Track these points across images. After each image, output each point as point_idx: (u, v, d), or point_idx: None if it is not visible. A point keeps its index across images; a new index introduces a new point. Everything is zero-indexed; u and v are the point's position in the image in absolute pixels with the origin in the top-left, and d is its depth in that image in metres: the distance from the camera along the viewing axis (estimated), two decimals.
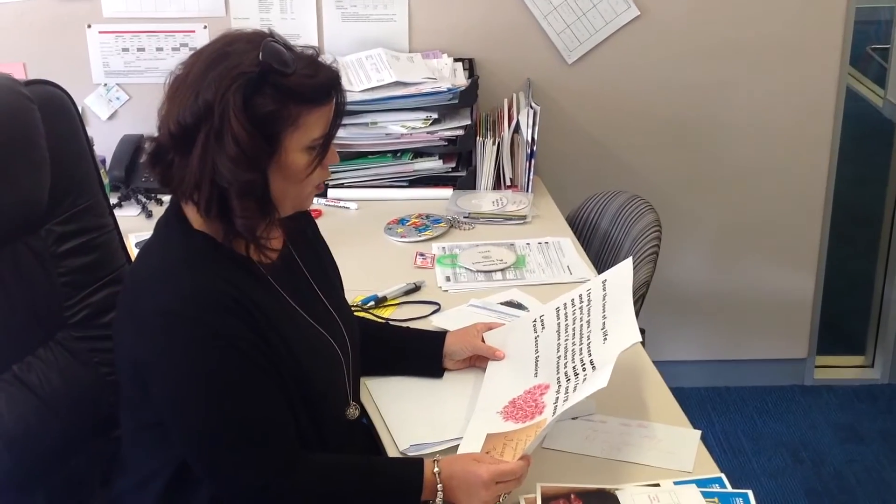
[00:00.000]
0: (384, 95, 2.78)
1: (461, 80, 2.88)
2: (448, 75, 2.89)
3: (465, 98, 2.81)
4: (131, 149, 2.89)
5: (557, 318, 1.89)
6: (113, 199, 2.62)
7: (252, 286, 1.60)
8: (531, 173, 2.77)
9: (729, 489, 1.61)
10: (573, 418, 1.79)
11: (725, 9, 3.05)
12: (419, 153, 2.82)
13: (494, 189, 2.80)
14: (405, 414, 1.84)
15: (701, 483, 1.62)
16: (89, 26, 2.99)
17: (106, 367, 1.79)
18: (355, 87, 2.78)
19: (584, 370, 1.73)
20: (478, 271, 2.36)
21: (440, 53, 3.01)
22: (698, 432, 1.77)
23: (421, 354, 1.95)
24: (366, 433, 1.85)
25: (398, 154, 2.82)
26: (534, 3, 3.01)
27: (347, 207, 2.75)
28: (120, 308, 1.64)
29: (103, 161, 2.81)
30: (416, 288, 2.28)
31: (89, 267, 1.80)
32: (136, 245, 2.39)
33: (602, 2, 3.00)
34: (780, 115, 3.17)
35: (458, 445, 1.72)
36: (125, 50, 3.00)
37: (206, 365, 1.52)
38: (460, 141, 2.78)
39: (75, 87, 1.87)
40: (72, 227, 1.77)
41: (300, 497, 1.59)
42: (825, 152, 3.22)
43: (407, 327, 2.06)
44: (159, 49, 3.00)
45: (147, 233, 1.78)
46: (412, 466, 1.62)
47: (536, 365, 1.85)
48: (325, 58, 1.59)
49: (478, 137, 2.79)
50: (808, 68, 3.11)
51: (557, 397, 1.72)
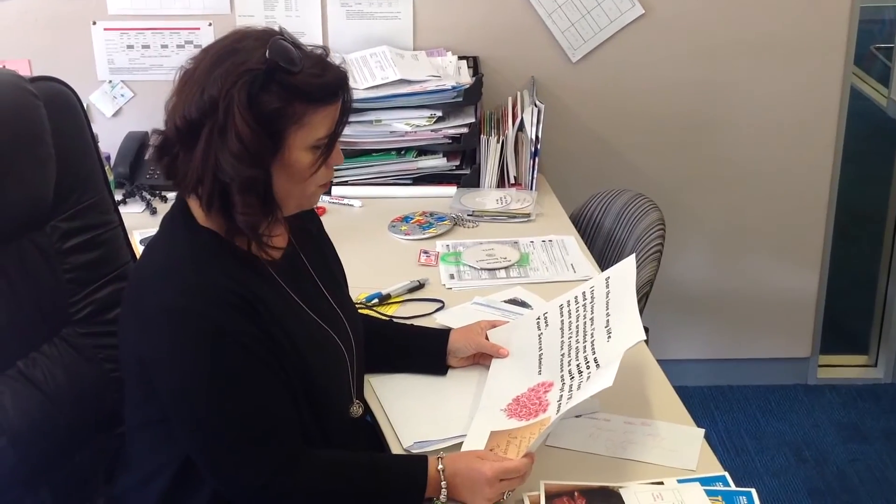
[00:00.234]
0: (388, 93, 2.78)
1: (465, 78, 2.88)
2: (452, 73, 2.89)
3: (470, 96, 2.81)
4: (136, 146, 2.89)
5: (561, 316, 1.89)
6: (117, 196, 2.61)
7: (257, 283, 1.60)
8: (535, 171, 2.78)
9: (733, 487, 1.61)
10: (577, 416, 1.79)
11: (730, 8, 3.05)
12: (423, 151, 2.82)
13: (498, 187, 2.80)
14: (409, 411, 1.84)
15: (704, 481, 1.62)
16: (94, 23, 2.99)
17: (110, 364, 1.80)
18: (360, 84, 2.78)
19: (587, 368, 1.73)
20: (482, 269, 2.36)
21: (444, 51, 3.01)
22: (702, 431, 1.77)
23: (425, 352, 1.95)
24: (369, 430, 1.86)
25: (402, 152, 2.82)
26: (538, 2, 3.01)
27: (351, 205, 2.76)
28: (125, 304, 1.64)
29: (108, 158, 2.82)
30: (420, 285, 2.29)
31: (94, 263, 1.80)
32: (141, 242, 2.39)
33: (606, 0, 3.00)
34: (784, 114, 3.17)
35: (461, 443, 1.72)
36: (130, 47, 3.01)
37: (210, 361, 1.52)
38: (464, 139, 2.79)
39: (80, 83, 1.87)
40: (77, 224, 1.77)
41: (304, 493, 1.59)
42: (829, 151, 3.21)
43: (411, 325, 2.06)
44: (164, 46, 3.00)
45: (151, 230, 1.78)
46: (416, 463, 1.63)
47: (540, 362, 1.85)
48: (335, 58, 1.59)
49: (482, 135, 2.79)
50: (812, 67, 3.11)
51: (561, 395, 1.72)
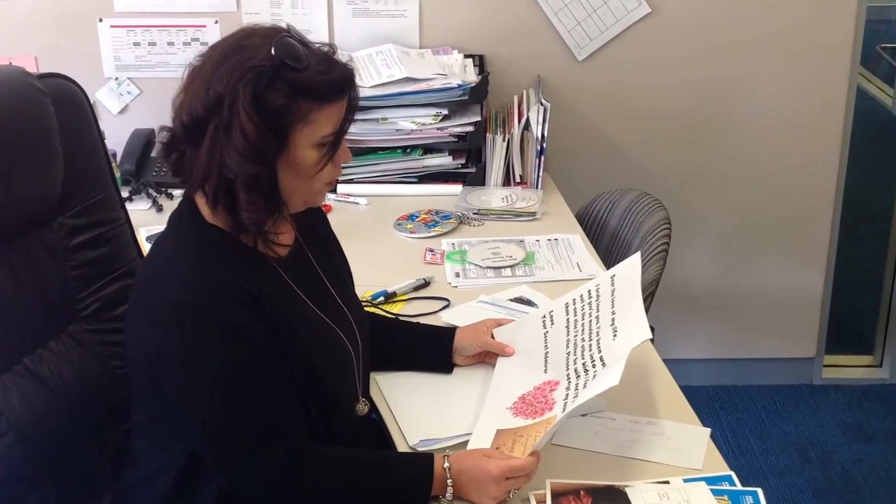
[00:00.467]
0: (394, 91, 2.78)
1: (471, 77, 2.88)
2: (458, 71, 2.89)
3: (476, 94, 2.81)
4: (142, 143, 2.89)
5: (566, 314, 1.89)
6: (123, 194, 2.61)
7: (264, 280, 1.60)
8: (541, 170, 2.77)
9: (739, 487, 1.61)
10: (583, 415, 1.79)
11: (736, 7, 3.05)
12: (429, 149, 2.82)
13: (504, 185, 2.80)
14: (415, 409, 1.84)
15: (710, 481, 1.62)
16: (101, 20, 3.00)
17: (117, 360, 1.80)
18: (365, 82, 2.78)
19: (593, 366, 1.73)
20: (487, 268, 2.36)
21: (450, 49, 3.01)
22: (708, 430, 1.77)
23: (430, 350, 1.95)
24: (375, 428, 1.85)
25: (408, 150, 2.82)
26: (545, 0, 3.01)
27: (357, 203, 2.76)
28: (132, 301, 1.64)
29: (114, 155, 2.82)
30: (426, 284, 2.29)
31: (101, 260, 1.80)
32: (147, 239, 2.40)
33: None
34: (790, 113, 3.17)
35: (467, 441, 1.73)
36: (136, 44, 3.01)
37: (217, 357, 1.52)
38: (470, 137, 2.79)
39: (86, 81, 1.86)
40: (84, 221, 1.77)
41: (309, 490, 1.59)
42: (835, 151, 3.21)
43: (416, 323, 2.07)
44: (170, 43, 3.00)
45: (157, 227, 1.79)
46: (423, 461, 1.63)
47: (546, 361, 1.85)
48: (341, 55, 1.59)
49: (488, 134, 2.79)
50: (818, 67, 3.11)
51: (567, 393, 1.72)
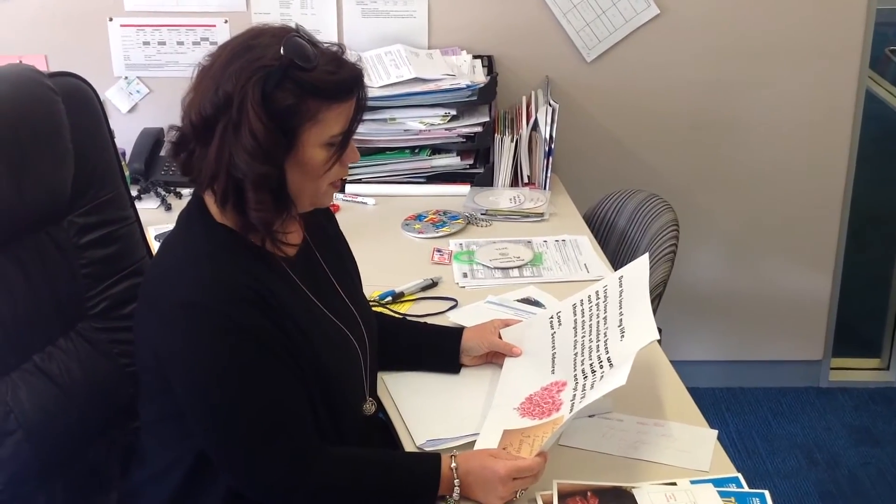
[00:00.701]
0: (403, 91, 2.79)
1: (480, 77, 2.88)
2: (467, 72, 2.89)
3: (484, 95, 2.81)
4: (151, 142, 2.90)
5: (574, 315, 1.89)
6: (132, 192, 2.62)
7: (272, 279, 1.60)
8: (549, 171, 2.78)
9: (746, 489, 1.61)
10: (590, 416, 1.79)
11: (745, 9, 3.05)
12: (437, 149, 2.83)
13: (512, 186, 2.81)
14: (422, 409, 1.84)
15: (717, 482, 1.62)
16: (111, 19, 3.00)
17: (126, 359, 1.80)
18: (374, 82, 2.79)
19: (601, 367, 1.73)
20: (495, 268, 2.36)
21: (459, 50, 3.01)
22: (715, 432, 1.77)
23: (438, 350, 1.95)
24: (382, 428, 1.86)
25: (416, 150, 2.82)
26: (553, 1, 3.01)
27: (365, 203, 2.76)
28: (141, 299, 1.65)
29: (123, 154, 2.82)
30: (434, 284, 2.29)
31: (110, 258, 1.81)
32: (156, 238, 2.40)
33: (622, 0, 3.00)
34: (798, 115, 3.16)
35: (474, 441, 1.73)
36: (146, 43, 3.02)
37: (226, 356, 1.53)
38: (478, 138, 2.79)
39: (96, 79, 1.87)
40: (94, 219, 1.78)
41: (316, 489, 1.59)
42: (843, 154, 3.21)
43: (424, 323, 2.07)
44: (180, 43, 3.01)
45: (166, 225, 1.79)
46: (430, 461, 1.63)
47: (553, 362, 1.85)
48: (350, 55, 1.60)
49: (496, 134, 2.79)
50: (827, 69, 3.11)
51: (574, 394, 1.72)
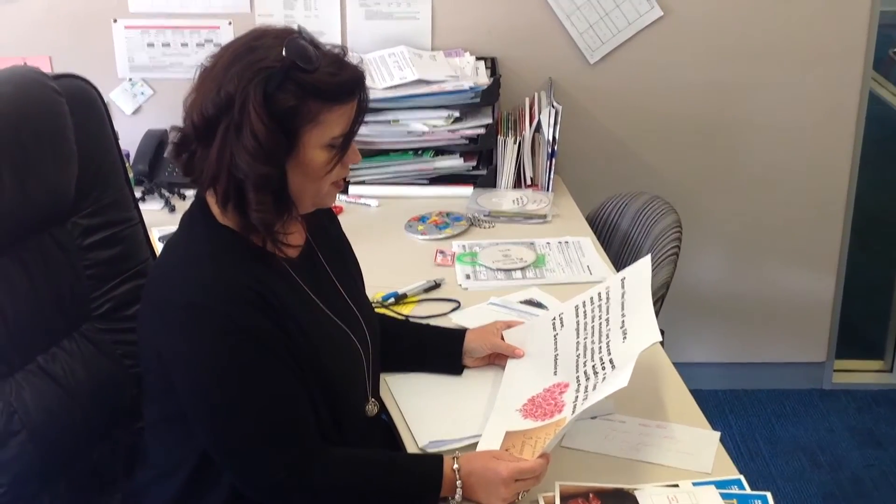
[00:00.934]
0: (406, 93, 2.79)
1: (483, 79, 2.88)
2: (470, 74, 2.89)
3: (487, 97, 2.81)
4: (155, 143, 2.90)
5: (577, 317, 1.89)
6: (136, 194, 2.62)
7: (275, 280, 1.61)
8: (552, 172, 2.78)
9: (748, 491, 1.61)
10: (592, 418, 1.79)
11: (748, 11, 3.05)
12: (440, 151, 2.83)
13: (515, 188, 2.81)
14: (424, 411, 1.84)
15: (720, 484, 1.62)
16: (115, 21, 3.01)
17: (129, 360, 1.81)
18: (378, 84, 2.79)
19: (603, 369, 1.73)
20: (497, 270, 2.36)
21: (462, 52, 3.02)
22: (717, 433, 1.77)
23: (441, 351, 1.96)
24: (385, 429, 1.86)
25: (419, 152, 2.83)
26: (557, 3, 3.01)
27: (368, 205, 2.76)
28: (144, 300, 1.65)
29: (127, 155, 2.83)
30: (436, 285, 2.29)
31: (114, 260, 1.81)
32: (160, 239, 2.41)
33: (625, 2, 3.00)
34: (802, 117, 3.16)
35: (477, 443, 1.73)
36: (150, 45, 3.02)
37: (228, 357, 1.53)
38: (481, 139, 2.79)
39: (100, 81, 1.88)
40: (97, 220, 1.79)
41: (319, 490, 1.59)
42: (846, 156, 3.21)
43: (427, 324, 2.07)
44: (184, 45, 3.01)
45: (169, 227, 1.80)
46: (432, 462, 1.63)
47: (556, 363, 1.86)
48: (353, 57, 1.60)
49: (499, 136, 2.80)
50: (830, 71, 3.10)
51: (577, 396, 1.73)
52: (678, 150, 3.20)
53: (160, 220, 2.58)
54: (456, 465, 1.61)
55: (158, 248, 2.13)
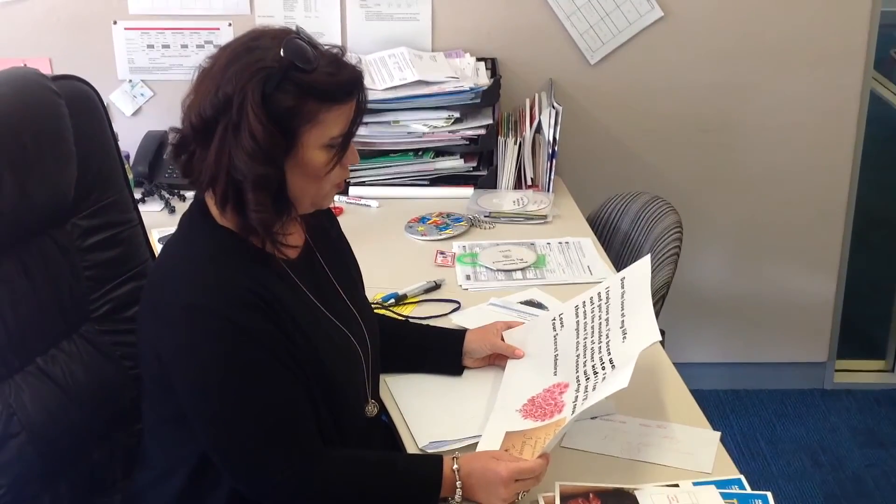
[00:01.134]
0: (406, 94, 2.79)
1: (483, 80, 2.88)
2: (470, 75, 2.89)
3: (488, 97, 2.81)
4: (155, 145, 2.91)
5: (576, 317, 1.89)
6: (136, 195, 2.62)
7: (274, 282, 1.60)
8: (552, 173, 2.78)
9: (748, 491, 1.61)
10: (592, 418, 1.79)
11: (749, 11, 3.05)
12: (441, 152, 2.83)
13: (515, 188, 2.81)
14: (424, 411, 1.84)
15: (720, 484, 1.62)
16: (115, 23, 3.01)
17: (129, 361, 1.81)
18: (378, 85, 2.79)
19: (603, 369, 1.73)
20: (498, 270, 2.36)
21: (463, 53, 3.02)
22: (718, 433, 1.77)
23: (441, 352, 1.96)
24: (385, 430, 1.86)
25: (420, 153, 2.82)
26: (557, 4, 3.01)
27: (368, 205, 2.76)
28: (144, 302, 1.65)
29: (127, 157, 2.83)
30: (437, 286, 2.29)
31: (114, 261, 1.81)
32: (159, 240, 2.41)
33: (626, 3, 3.00)
34: (802, 118, 3.16)
35: (477, 443, 1.73)
36: (150, 46, 3.02)
37: (228, 358, 1.53)
38: (482, 140, 2.79)
39: (100, 83, 1.88)
40: (97, 222, 1.79)
41: (318, 492, 1.59)
42: (847, 156, 3.20)
43: (427, 325, 2.07)
44: (184, 46, 3.02)
45: (169, 228, 1.80)
46: (431, 463, 1.63)
47: (556, 363, 1.85)
48: (351, 57, 1.60)
49: (499, 137, 2.80)
50: (831, 71, 3.10)
51: (577, 396, 1.72)
52: (679, 151, 3.20)
53: (160, 221, 2.58)
54: (456, 466, 1.61)
55: (158, 249, 2.13)
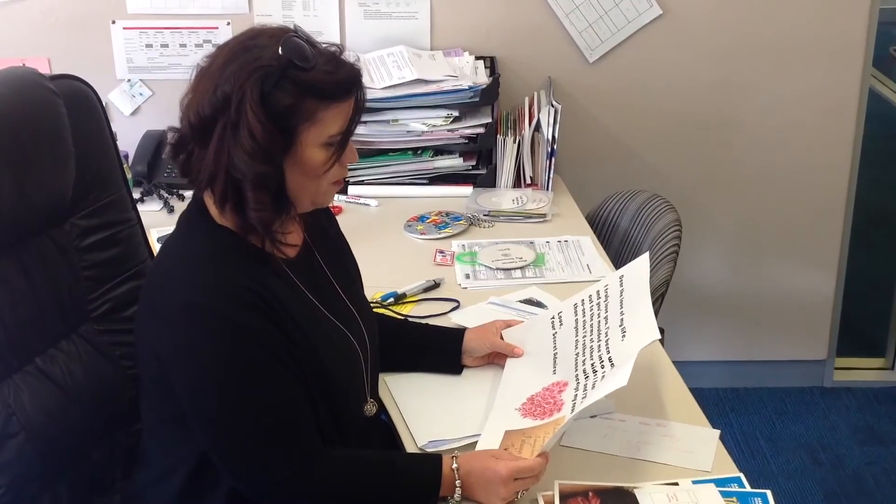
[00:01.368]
0: (405, 93, 2.79)
1: (482, 78, 2.88)
2: (469, 73, 2.89)
3: (486, 96, 2.81)
4: (154, 144, 2.90)
5: (575, 315, 1.89)
6: (135, 195, 2.62)
7: (273, 281, 1.60)
8: (551, 172, 2.77)
9: (748, 489, 1.61)
10: (592, 416, 1.79)
11: (748, 9, 3.04)
12: (440, 151, 2.83)
13: (514, 187, 2.80)
14: (423, 410, 1.84)
15: (719, 482, 1.62)
16: (113, 22, 3.01)
17: (127, 361, 1.81)
18: (377, 84, 2.79)
19: (602, 367, 1.73)
20: (497, 269, 2.36)
21: (462, 51, 3.02)
22: (717, 432, 1.77)
23: (440, 351, 1.95)
24: (384, 429, 1.86)
25: (419, 151, 2.82)
26: (556, 2, 3.01)
27: (368, 204, 2.76)
28: (142, 301, 1.65)
29: (126, 156, 2.83)
30: (436, 285, 2.29)
31: (112, 261, 1.81)
32: (158, 240, 2.41)
33: (624, 1, 3.00)
34: (801, 115, 3.16)
35: (476, 442, 1.73)
36: (149, 46, 3.02)
37: (226, 357, 1.53)
38: (481, 139, 2.79)
39: (99, 82, 1.87)
40: (95, 222, 1.78)
41: (318, 491, 1.59)
42: (847, 153, 3.20)
43: (426, 324, 2.07)
44: (182, 45, 3.02)
45: (168, 228, 1.79)
46: (431, 462, 1.63)
47: (555, 362, 1.85)
48: (349, 55, 1.59)
49: (498, 135, 2.79)
50: (830, 69, 3.10)
51: (576, 394, 1.72)
52: (678, 149, 3.20)
53: (159, 220, 2.58)
54: (455, 465, 1.61)
55: (157, 249, 2.12)
